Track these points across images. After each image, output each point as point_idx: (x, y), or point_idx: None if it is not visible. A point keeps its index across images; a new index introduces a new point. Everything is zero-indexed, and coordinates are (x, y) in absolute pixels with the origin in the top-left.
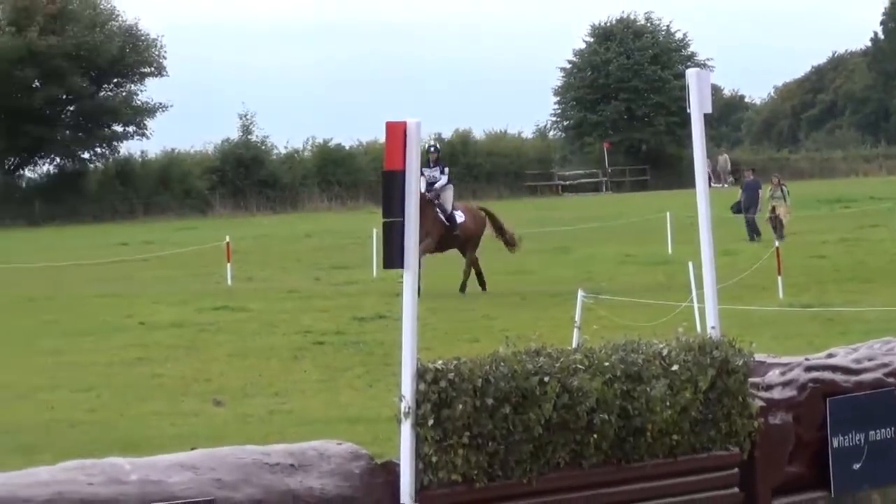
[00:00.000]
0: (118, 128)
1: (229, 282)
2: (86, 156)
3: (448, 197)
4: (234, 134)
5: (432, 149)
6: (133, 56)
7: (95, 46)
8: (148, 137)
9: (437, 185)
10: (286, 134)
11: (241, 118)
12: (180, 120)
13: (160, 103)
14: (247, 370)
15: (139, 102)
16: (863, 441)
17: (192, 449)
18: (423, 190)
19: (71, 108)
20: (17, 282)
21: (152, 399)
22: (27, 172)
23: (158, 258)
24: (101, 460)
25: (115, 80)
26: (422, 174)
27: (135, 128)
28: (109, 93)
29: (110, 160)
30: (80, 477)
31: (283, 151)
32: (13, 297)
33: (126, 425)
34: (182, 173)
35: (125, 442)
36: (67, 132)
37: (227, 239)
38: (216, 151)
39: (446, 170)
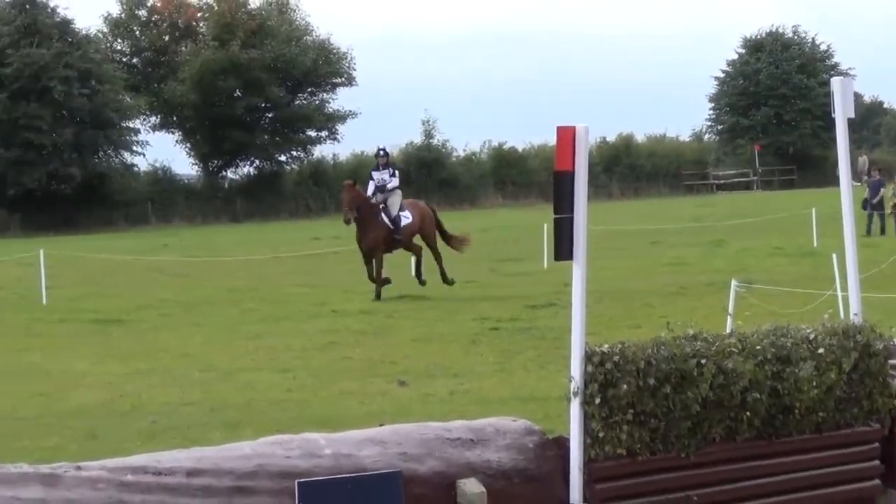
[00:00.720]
0: (312, 133)
1: (413, 273)
2: (282, 158)
3: (395, 201)
4: (418, 138)
5: (382, 153)
6: (325, 68)
7: (292, 59)
8: (339, 141)
9: (388, 188)
10: (465, 138)
11: (423, 124)
12: (368, 125)
13: (350, 110)
14: (429, 354)
15: (331, 110)
16: None
17: (381, 425)
18: (370, 192)
19: (269, 116)
20: (221, 273)
21: (343, 380)
22: (230, 174)
23: (348, 251)
24: (298, 435)
25: (309, 90)
26: (371, 178)
27: (327, 133)
28: (304, 101)
29: (305, 162)
30: (279, 451)
31: (462, 154)
32: (218, 287)
33: (320, 404)
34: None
35: (319, 419)
36: (266, 137)
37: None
38: (401, 154)
39: (396, 173)
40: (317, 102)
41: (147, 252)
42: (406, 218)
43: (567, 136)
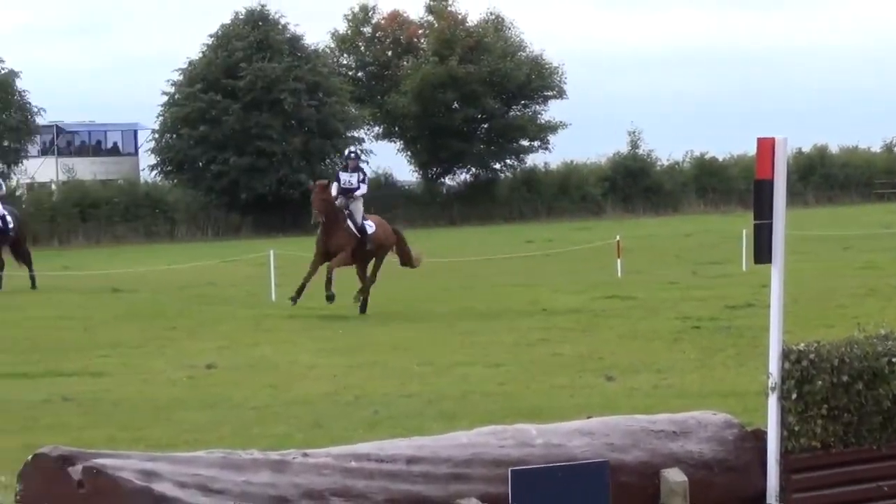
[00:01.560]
0: (525, 143)
1: (619, 274)
2: (497, 166)
3: (359, 208)
4: (624, 148)
5: (353, 154)
6: (538, 81)
7: (506, 73)
8: (550, 151)
9: (356, 194)
10: (668, 148)
11: (629, 134)
12: (577, 136)
13: (560, 122)
14: (634, 350)
15: (543, 121)
16: None
17: (588, 417)
18: (334, 193)
19: (485, 126)
20: (438, 274)
21: (553, 374)
22: (447, 180)
23: (558, 254)
24: (511, 426)
25: (523, 102)
26: (336, 178)
27: (539, 143)
28: (517, 113)
29: (518, 170)
30: (493, 440)
31: (665, 163)
32: (436, 286)
33: (531, 396)
34: (579, 181)
35: (530, 410)
36: (482, 146)
37: (618, 238)
38: (608, 163)
39: (366, 178)
40: (529, 114)
41: None
42: (370, 227)
43: (767, 146)
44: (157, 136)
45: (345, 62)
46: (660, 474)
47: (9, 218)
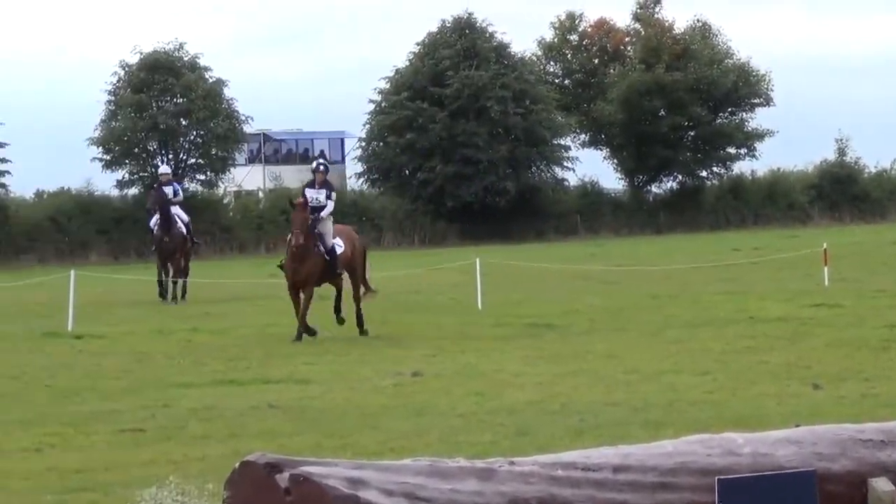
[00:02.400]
0: (731, 150)
1: (826, 282)
2: (703, 174)
3: (329, 227)
4: (831, 155)
5: (321, 167)
6: (745, 89)
7: (713, 81)
8: (756, 158)
9: (322, 214)
10: (876, 155)
11: (836, 142)
12: (784, 143)
13: (767, 129)
14: (841, 358)
15: (749, 129)
16: None
17: (796, 426)
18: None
19: (691, 134)
20: (644, 281)
21: (760, 382)
22: (653, 188)
23: (765, 261)
24: (718, 435)
25: (730, 110)
26: (302, 195)
27: (745, 150)
28: (724, 120)
29: (724, 178)
30: (699, 449)
31: (873, 170)
32: (641, 294)
33: (737, 404)
34: (786, 189)
35: (737, 418)
36: (688, 154)
37: (824, 245)
38: (815, 170)
39: (333, 194)
40: (736, 122)
41: (575, 261)
42: (339, 247)
43: None
44: (363, 144)
45: (551, 70)
46: (867, 483)
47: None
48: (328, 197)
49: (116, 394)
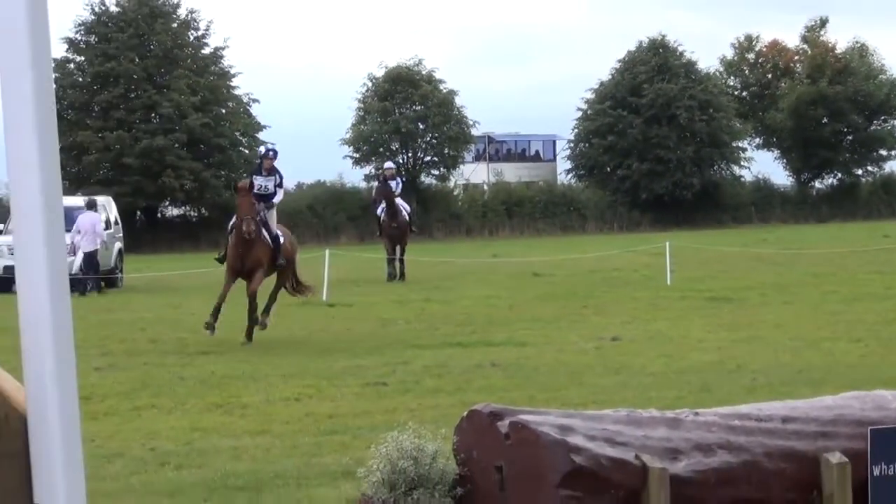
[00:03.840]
0: (883, 152)
1: None
2: (859, 172)
3: (274, 216)
4: None
5: (271, 153)
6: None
7: (869, 93)
8: None
9: (274, 201)
10: None
11: None
12: None
13: None
14: None
15: None
16: None
17: None
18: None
19: (849, 138)
20: (808, 262)
21: None
22: (817, 184)
23: None
24: (871, 392)
25: (883, 118)
26: (251, 183)
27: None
28: (878, 127)
29: (877, 176)
30: (855, 404)
31: None
32: (805, 273)
33: (888, 367)
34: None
35: (887, 379)
36: (847, 155)
37: None
38: None
39: (282, 181)
40: (888, 128)
41: (749, 245)
42: (282, 237)
43: None
44: (571, 145)
45: (731, 83)
46: None
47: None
48: (278, 185)
49: (363, 353)
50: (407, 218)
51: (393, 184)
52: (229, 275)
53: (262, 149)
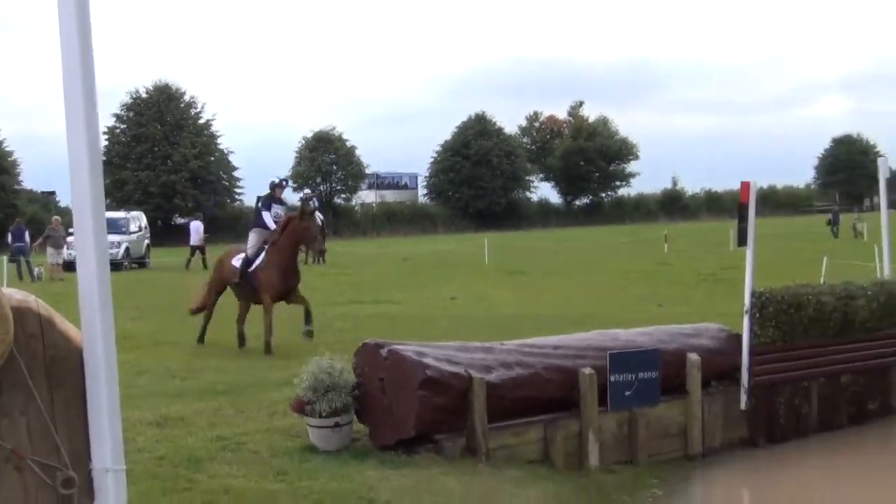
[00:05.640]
0: (618, 183)
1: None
2: (602, 195)
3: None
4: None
5: (284, 182)
6: (624, 151)
7: (609, 147)
8: (630, 185)
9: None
10: None
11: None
12: (640, 179)
13: (631, 172)
14: (676, 291)
15: (626, 171)
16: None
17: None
18: (272, 225)
19: (596, 174)
20: (571, 252)
21: (628, 304)
22: (577, 203)
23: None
24: (609, 330)
25: (616, 162)
26: (267, 208)
27: (623, 182)
28: (614, 167)
29: (613, 198)
30: (599, 337)
31: None
32: (569, 258)
33: (621, 315)
34: (639, 203)
35: (619, 322)
36: (595, 185)
37: None
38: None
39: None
40: (620, 168)
41: (536, 241)
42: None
43: (745, 185)
44: (428, 178)
45: (524, 140)
46: (686, 356)
47: None
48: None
49: (296, 308)
50: (320, 224)
51: (312, 203)
52: (272, 297)
53: (275, 179)
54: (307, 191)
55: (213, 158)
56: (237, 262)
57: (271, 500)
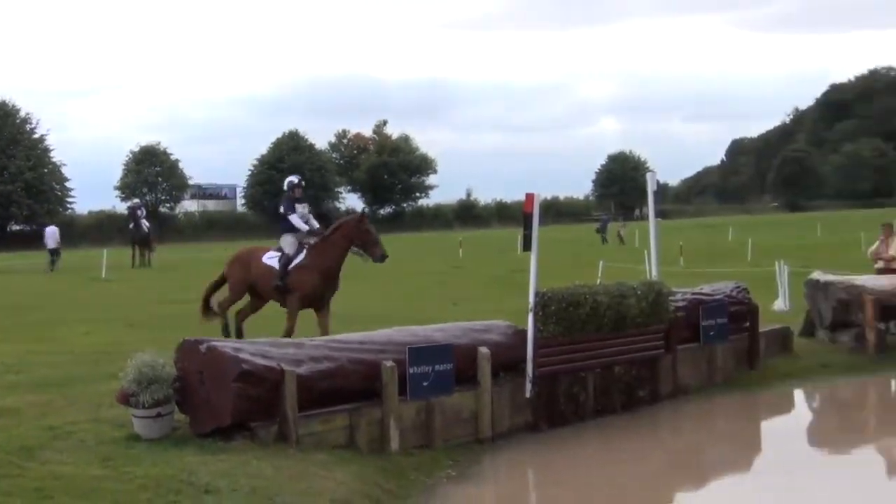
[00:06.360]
0: (418, 194)
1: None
2: (404, 205)
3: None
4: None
5: (302, 181)
6: (424, 166)
7: (410, 162)
8: (429, 197)
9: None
10: None
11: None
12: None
13: (430, 185)
14: (475, 289)
15: (421, 183)
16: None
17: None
18: (298, 225)
19: (399, 186)
20: None
21: (428, 303)
22: (381, 211)
23: None
24: (408, 327)
25: (417, 175)
26: (292, 209)
27: (422, 193)
28: (414, 180)
29: (413, 207)
30: (398, 333)
31: None
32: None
33: (417, 314)
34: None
35: (417, 321)
36: (398, 196)
37: None
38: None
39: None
40: (420, 181)
41: None
42: None
43: (530, 197)
44: (246, 189)
45: (335, 156)
46: (477, 350)
47: None
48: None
49: (128, 306)
50: (147, 231)
51: (140, 212)
52: (301, 300)
53: (293, 178)
54: (135, 200)
55: (46, 171)
56: (271, 260)
57: (98, 485)
